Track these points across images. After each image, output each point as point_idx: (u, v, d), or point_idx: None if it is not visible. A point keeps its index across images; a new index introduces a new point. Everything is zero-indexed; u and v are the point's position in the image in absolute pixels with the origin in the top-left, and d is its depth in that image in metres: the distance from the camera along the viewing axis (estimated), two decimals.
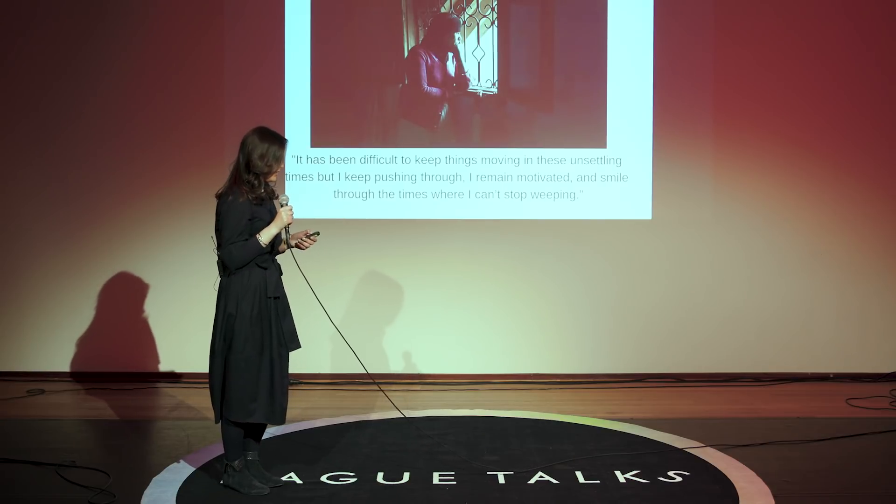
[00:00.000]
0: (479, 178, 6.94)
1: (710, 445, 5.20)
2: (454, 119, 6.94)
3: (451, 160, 6.92)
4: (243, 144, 4.51)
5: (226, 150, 6.93)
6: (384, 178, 6.92)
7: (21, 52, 6.93)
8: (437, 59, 6.95)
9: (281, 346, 4.47)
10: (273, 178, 4.54)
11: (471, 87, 6.96)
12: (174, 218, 6.96)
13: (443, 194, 6.93)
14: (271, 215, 4.49)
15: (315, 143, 6.97)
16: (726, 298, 6.96)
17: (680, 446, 5.20)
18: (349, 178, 6.94)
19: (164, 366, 6.95)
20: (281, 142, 4.51)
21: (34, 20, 6.91)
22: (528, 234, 6.94)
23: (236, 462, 4.50)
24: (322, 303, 6.77)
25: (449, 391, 6.66)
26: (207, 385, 6.44)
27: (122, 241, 6.96)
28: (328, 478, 4.72)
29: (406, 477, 4.72)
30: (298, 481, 4.66)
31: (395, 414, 5.89)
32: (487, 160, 6.94)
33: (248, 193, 4.41)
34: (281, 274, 4.56)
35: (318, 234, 4.65)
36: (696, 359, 6.95)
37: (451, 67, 6.96)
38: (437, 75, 6.93)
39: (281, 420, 4.46)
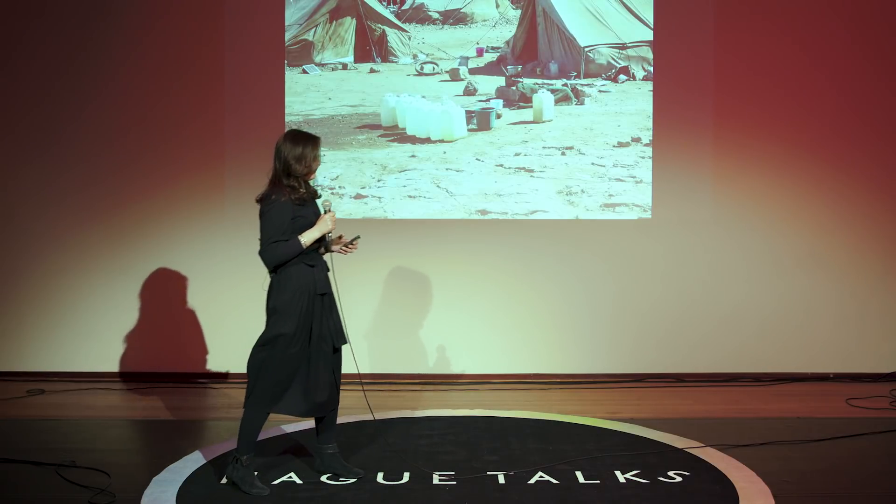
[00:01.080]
0: (477, 177, 6.94)
1: (710, 445, 5.20)
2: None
3: (450, 160, 6.93)
4: (278, 152, 4.57)
5: (226, 151, 6.94)
6: (382, 178, 6.92)
7: (22, 52, 6.93)
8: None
9: (322, 342, 4.52)
10: (313, 176, 4.61)
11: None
12: (174, 218, 6.96)
13: (442, 194, 6.93)
14: (315, 216, 4.57)
15: None
16: (726, 298, 6.96)
17: (680, 446, 5.20)
18: (348, 177, 6.95)
19: (164, 366, 6.95)
20: (314, 141, 4.61)
21: (35, 21, 6.91)
22: (528, 234, 6.95)
23: (245, 457, 4.52)
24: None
25: (449, 391, 6.66)
26: (208, 385, 6.47)
27: (122, 241, 6.96)
28: (328, 478, 4.72)
29: (406, 477, 4.72)
30: (298, 481, 4.66)
31: (395, 414, 5.89)
32: (487, 160, 6.94)
33: (291, 194, 4.48)
34: (328, 271, 4.62)
35: (358, 237, 4.71)
36: (695, 359, 6.95)
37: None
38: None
39: (312, 413, 4.54)
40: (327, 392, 4.55)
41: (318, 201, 4.64)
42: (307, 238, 4.48)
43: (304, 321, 4.48)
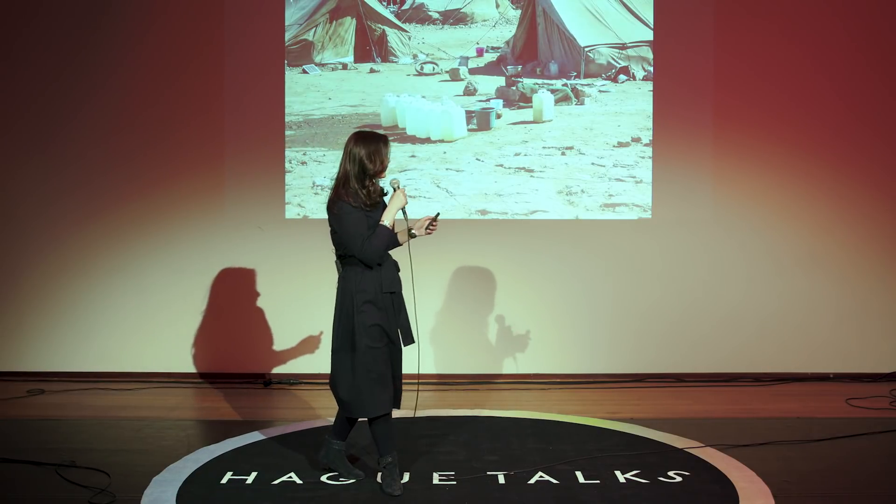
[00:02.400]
0: (477, 177, 6.94)
1: (710, 445, 5.20)
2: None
3: (450, 160, 6.93)
4: (350, 154, 4.56)
5: (226, 151, 6.94)
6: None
7: (21, 51, 6.93)
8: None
9: (391, 342, 4.54)
10: (384, 175, 4.60)
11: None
12: (174, 218, 6.96)
13: (442, 194, 6.94)
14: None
15: (314, 141, 6.98)
16: (726, 298, 6.96)
17: (680, 446, 5.20)
18: None
19: (165, 365, 6.95)
20: (384, 139, 4.62)
21: (35, 20, 6.91)
22: (528, 233, 6.95)
23: (382, 459, 4.56)
24: (328, 304, 6.76)
25: (449, 391, 6.66)
26: (210, 385, 6.47)
27: (122, 241, 6.96)
28: (328, 478, 4.72)
29: (406, 477, 4.72)
30: (298, 481, 4.66)
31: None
32: (487, 160, 6.95)
33: (354, 201, 4.49)
34: (398, 270, 4.64)
35: (438, 214, 4.74)
36: (695, 359, 6.95)
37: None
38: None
39: (398, 405, 4.65)
40: (401, 386, 4.64)
41: (385, 181, 4.62)
42: (388, 219, 4.51)
43: (375, 320, 4.50)
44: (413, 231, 4.65)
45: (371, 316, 4.49)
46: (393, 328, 4.57)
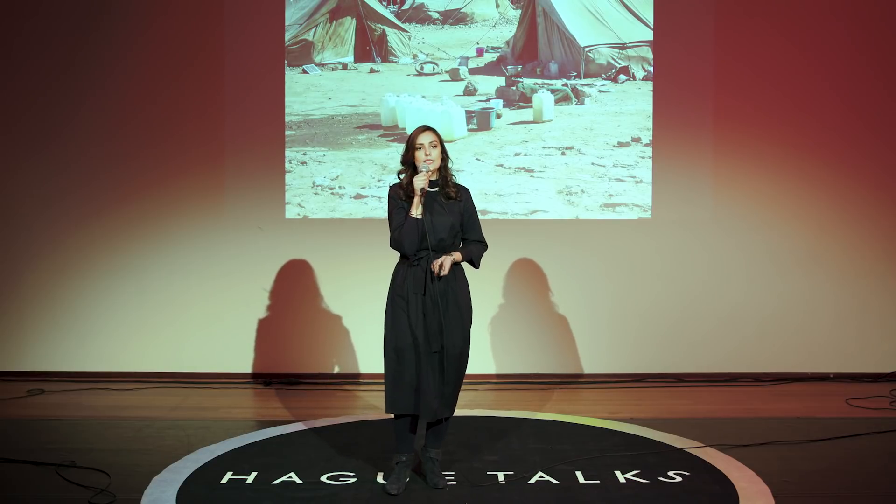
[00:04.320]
0: (477, 177, 6.94)
1: (710, 445, 5.20)
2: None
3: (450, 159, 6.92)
4: None
5: (226, 151, 6.94)
6: (382, 178, 6.93)
7: (22, 50, 6.93)
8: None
9: (418, 344, 4.47)
10: (425, 163, 4.52)
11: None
12: (174, 218, 6.96)
13: None
14: (428, 207, 4.54)
15: (314, 141, 6.98)
16: (726, 298, 6.96)
17: (680, 446, 5.20)
18: (344, 176, 6.95)
19: (165, 365, 6.95)
20: (421, 128, 4.61)
21: (35, 19, 6.91)
22: (528, 233, 6.95)
23: (396, 455, 4.56)
24: (328, 303, 6.79)
25: None
26: (210, 385, 6.49)
27: (122, 240, 6.96)
28: (328, 478, 4.72)
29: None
30: (298, 481, 4.66)
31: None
32: (487, 160, 6.95)
33: (398, 189, 4.57)
34: (433, 273, 4.49)
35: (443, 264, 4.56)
36: (695, 359, 6.95)
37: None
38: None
39: (428, 416, 4.46)
40: (431, 393, 4.46)
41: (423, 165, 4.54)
42: (415, 211, 4.47)
43: (398, 318, 4.49)
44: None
45: (393, 312, 4.51)
46: (418, 330, 4.46)
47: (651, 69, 6.94)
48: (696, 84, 6.91)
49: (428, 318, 4.49)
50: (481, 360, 6.95)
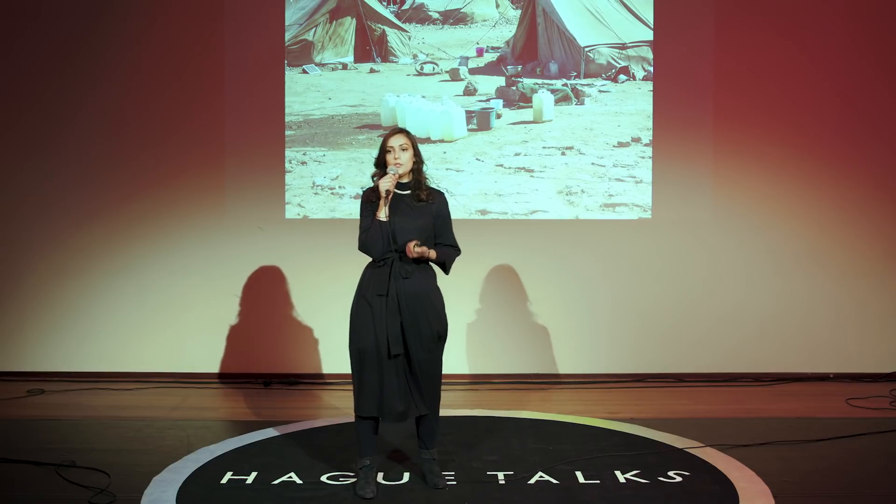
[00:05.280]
0: (477, 177, 6.94)
1: (710, 445, 5.20)
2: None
3: (450, 160, 6.93)
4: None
5: (226, 151, 6.94)
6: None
7: (22, 50, 6.93)
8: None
9: (380, 346, 4.44)
10: (394, 166, 4.50)
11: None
12: (174, 218, 6.96)
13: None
14: (396, 210, 4.52)
15: (314, 141, 6.98)
16: (726, 298, 6.96)
17: (680, 446, 5.20)
18: (344, 176, 6.95)
19: (164, 366, 6.95)
20: (392, 130, 4.62)
21: (35, 19, 6.91)
22: (528, 234, 6.95)
23: (359, 460, 4.53)
24: (328, 304, 6.78)
25: (449, 391, 6.65)
26: (210, 385, 6.50)
27: (122, 240, 6.96)
28: (328, 478, 4.72)
29: (406, 477, 4.72)
30: (298, 481, 4.66)
31: None
32: (487, 160, 6.95)
33: (371, 192, 4.57)
34: (404, 277, 4.49)
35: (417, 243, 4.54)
36: (695, 359, 6.95)
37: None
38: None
39: (388, 417, 4.46)
40: (399, 398, 4.45)
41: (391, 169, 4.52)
42: (380, 213, 4.47)
43: (363, 321, 4.47)
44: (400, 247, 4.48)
45: (357, 314, 4.50)
46: (381, 333, 4.44)
47: (651, 69, 6.94)
48: (696, 84, 6.91)
49: (390, 320, 4.45)
50: (481, 359, 6.96)
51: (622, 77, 6.96)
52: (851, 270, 6.96)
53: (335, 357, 6.87)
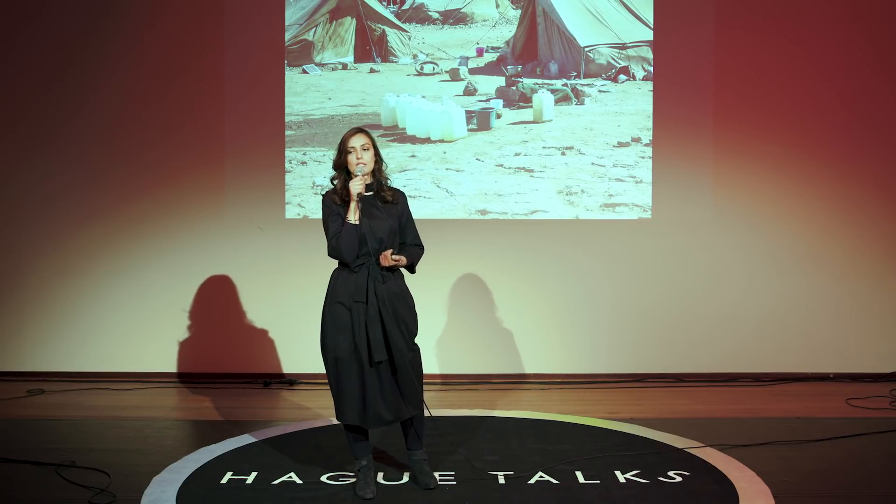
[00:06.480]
0: (477, 177, 6.94)
1: (710, 445, 5.20)
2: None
3: (450, 160, 6.93)
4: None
5: (226, 151, 6.94)
6: None
7: (23, 50, 6.93)
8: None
9: (360, 354, 4.42)
10: (358, 166, 4.43)
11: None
12: (174, 218, 6.96)
13: (442, 194, 6.94)
14: (365, 212, 4.46)
15: (314, 141, 6.98)
16: (726, 298, 6.96)
17: (680, 446, 5.20)
18: None
19: (164, 366, 6.95)
20: (351, 130, 4.51)
21: (35, 19, 6.91)
22: (528, 234, 6.95)
23: (356, 462, 4.53)
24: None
25: (449, 391, 6.66)
26: (210, 385, 6.51)
27: (122, 241, 6.96)
28: (328, 478, 4.72)
29: (406, 477, 4.72)
30: (298, 481, 4.66)
31: None
32: (487, 160, 6.95)
33: (333, 194, 4.50)
34: (381, 282, 4.46)
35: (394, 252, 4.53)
36: (695, 359, 6.95)
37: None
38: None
39: (373, 424, 4.43)
40: (383, 403, 4.43)
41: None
42: (352, 216, 4.40)
43: (339, 328, 4.45)
44: (375, 253, 4.45)
45: (332, 320, 4.47)
46: (361, 340, 4.41)
47: (651, 69, 6.94)
48: (696, 84, 6.91)
49: (371, 326, 4.42)
50: (482, 360, 6.96)
51: (622, 77, 6.96)
52: (851, 270, 6.96)
53: None
